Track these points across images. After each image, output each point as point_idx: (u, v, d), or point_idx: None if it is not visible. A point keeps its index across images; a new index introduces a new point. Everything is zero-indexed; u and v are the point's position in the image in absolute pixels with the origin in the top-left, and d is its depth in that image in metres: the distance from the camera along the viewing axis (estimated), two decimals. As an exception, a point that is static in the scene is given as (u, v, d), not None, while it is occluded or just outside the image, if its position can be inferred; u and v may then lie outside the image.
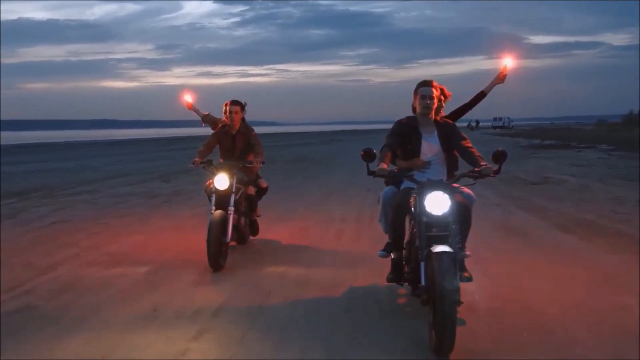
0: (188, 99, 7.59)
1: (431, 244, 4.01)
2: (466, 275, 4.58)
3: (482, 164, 4.43)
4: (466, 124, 75.00)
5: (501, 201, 10.83)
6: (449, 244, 4.01)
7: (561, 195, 11.78)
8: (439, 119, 4.95)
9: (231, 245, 6.50)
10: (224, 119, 7.03)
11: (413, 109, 4.94)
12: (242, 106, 7.01)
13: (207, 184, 6.75)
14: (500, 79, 5.61)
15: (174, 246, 7.20)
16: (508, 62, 5.59)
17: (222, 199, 6.34)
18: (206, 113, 7.55)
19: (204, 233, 6.05)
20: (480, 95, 5.63)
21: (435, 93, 4.82)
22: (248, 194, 6.88)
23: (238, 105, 6.96)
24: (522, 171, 16.69)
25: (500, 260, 6.31)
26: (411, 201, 4.41)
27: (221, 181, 6.37)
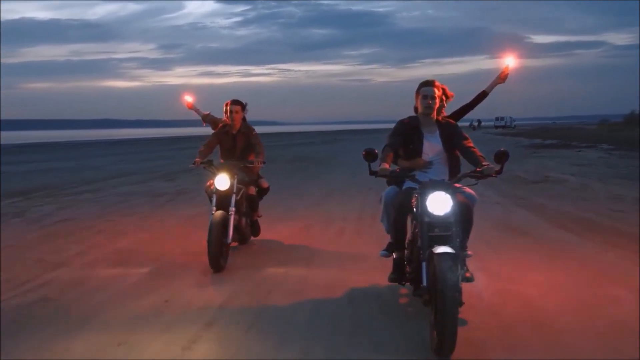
0: (188, 98, 7.58)
1: (433, 244, 4.01)
2: (468, 275, 4.57)
3: (484, 164, 4.42)
4: (468, 124, 74.98)
5: (501, 200, 10.87)
6: (450, 244, 4.00)
7: (561, 194, 11.83)
8: (440, 118, 4.94)
9: (232, 246, 6.49)
10: (225, 118, 7.01)
11: (415, 109, 4.93)
12: (243, 106, 6.98)
13: (208, 184, 6.72)
14: (501, 78, 5.59)
15: (177, 245, 7.21)
16: (509, 62, 5.57)
17: (223, 200, 6.33)
18: (207, 113, 7.53)
19: (206, 233, 6.03)
20: (482, 95, 5.62)
21: (437, 93, 4.81)
22: (249, 194, 6.86)
23: (239, 105, 6.93)
24: (523, 170, 16.70)
25: (499, 256, 6.42)
26: (413, 201, 4.40)
27: (222, 181, 6.35)
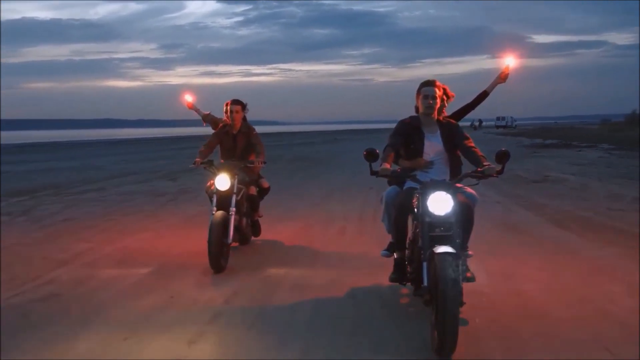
0: (188, 98, 7.54)
1: (434, 244, 4.00)
2: (469, 275, 4.57)
3: (485, 164, 4.41)
4: (469, 124, 74.94)
5: (502, 199, 10.89)
6: (451, 244, 4.00)
7: (561, 193, 11.86)
8: (441, 118, 4.94)
9: (233, 246, 6.48)
10: (225, 118, 7.00)
11: (416, 108, 4.92)
12: (243, 105, 6.95)
13: (208, 184, 6.69)
14: (502, 78, 5.58)
15: (178, 245, 7.21)
16: (510, 62, 5.56)
17: (224, 200, 6.31)
18: (207, 113, 7.49)
19: (207, 232, 6.02)
20: (483, 95, 5.60)
21: (438, 93, 4.80)
22: (249, 194, 6.84)
23: (239, 104, 6.91)
24: (524, 170, 16.71)
25: (499, 253, 6.49)
26: (414, 201, 4.39)
27: (222, 182, 6.34)
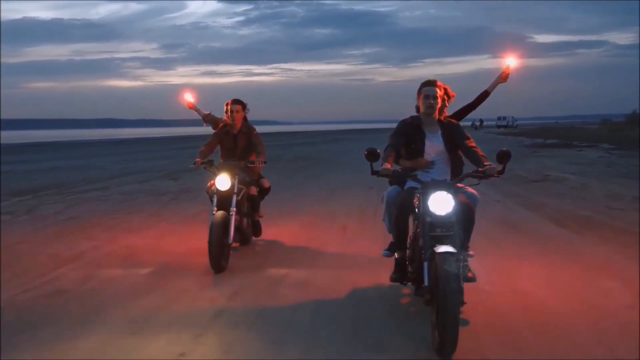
0: (188, 98, 7.49)
1: (435, 244, 4.00)
2: (470, 275, 4.55)
3: (486, 164, 4.41)
4: (470, 124, 74.94)
5: (502, 198, 10.92)
6: (452, 244, 4.00)
7: (561, 192, 11.88)
8: (442, 118, 4.93)
9: (233, 247, 6.47)
10: (225, 118, 6.99)
11: (417, 108, 4.92)
12: (244, 105, 6.94)
13: (209, 184, 6.67)
14: (502, 78, 5.58)
15: (180, 244, 7.22)
16: (511, 62, 5.56)
17: (224, 200, 6.30)
18: (207, 112, 7.45)
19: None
20: (484, 95, 5.60)
21: (439, 93, 4.80)
22: (250, 194, 6.83)
23: (239, 104, 6.89)
24: (524, 169, 16.74)
25: (499, 252, 6.54)
26: (415, 201, 4.39)
27: (223, 182, 6.33)
